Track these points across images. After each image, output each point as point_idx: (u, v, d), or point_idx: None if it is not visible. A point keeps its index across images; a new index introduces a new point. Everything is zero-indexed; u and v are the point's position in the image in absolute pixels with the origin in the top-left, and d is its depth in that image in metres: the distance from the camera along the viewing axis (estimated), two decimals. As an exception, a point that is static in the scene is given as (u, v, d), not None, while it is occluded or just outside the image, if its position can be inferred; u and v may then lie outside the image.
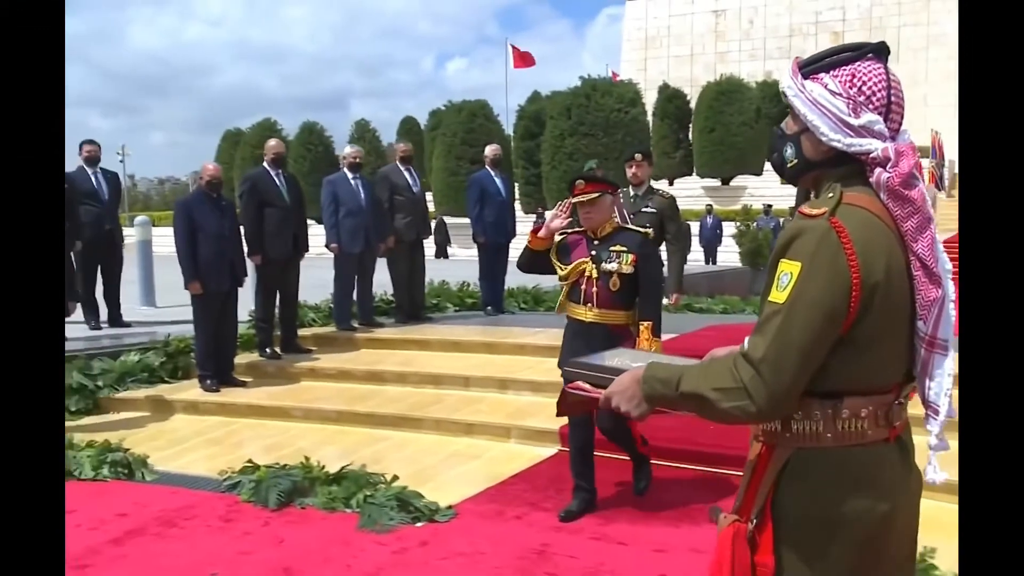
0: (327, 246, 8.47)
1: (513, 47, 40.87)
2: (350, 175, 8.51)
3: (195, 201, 7.45)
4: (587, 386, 2.18)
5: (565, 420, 4.95)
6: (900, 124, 1.87)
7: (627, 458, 5.11)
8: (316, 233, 9.09)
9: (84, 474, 5.61)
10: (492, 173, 9.60)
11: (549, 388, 6.53)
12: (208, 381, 7.38)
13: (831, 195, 1.82)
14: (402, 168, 9.00)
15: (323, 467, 5.26)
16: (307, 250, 8.23)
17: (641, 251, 4.56)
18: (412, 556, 4.28)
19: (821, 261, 1.74)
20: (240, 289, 7.60)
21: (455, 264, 15.96)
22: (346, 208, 8.36)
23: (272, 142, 8.32)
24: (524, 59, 40.24)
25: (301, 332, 8.42)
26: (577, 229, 4.68)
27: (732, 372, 1.80)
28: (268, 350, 7.97)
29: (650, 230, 5.09)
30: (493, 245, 9.39)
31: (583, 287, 4.59)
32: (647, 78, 45.24)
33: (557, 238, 4.67)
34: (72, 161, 9.20)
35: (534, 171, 28.16)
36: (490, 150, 9.77)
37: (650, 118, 28.52)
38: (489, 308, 9.51)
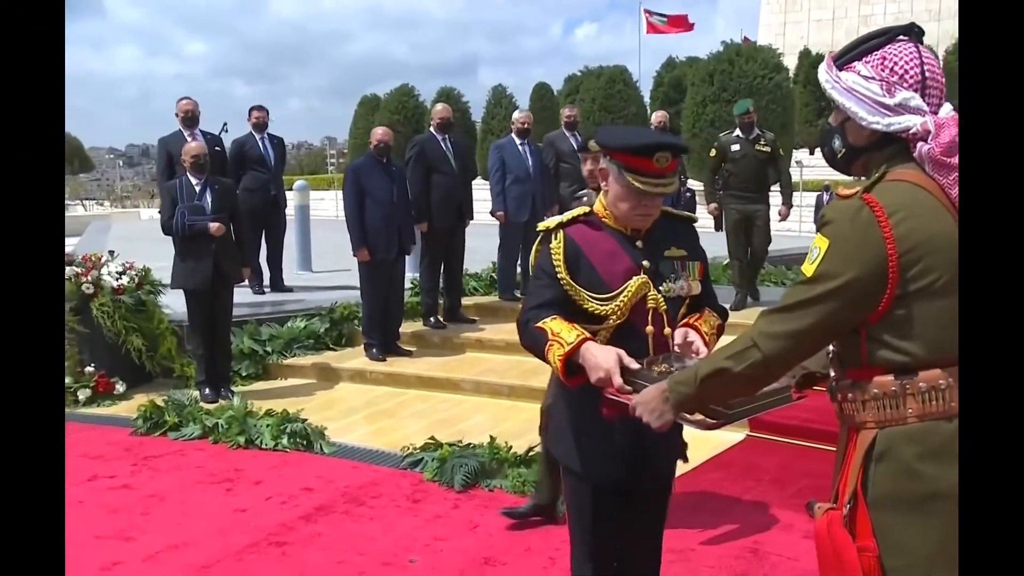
0: (492, 213, 8.22)
1: (646, 11, 39.73)
2: (518, 141, 8.23)
3: (364, 166, 7.32)
4: (624, 390, 2.27)
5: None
6: (941, 98, 1.90)
7: (833, 449, 4.71)
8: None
9: (264, 443, 5.57)
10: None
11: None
12: (374, 350, 7.28)
13: (877, 174, 1.88)
14: (568, 134, 8.66)
15: (510, 447, 5.04)
16: (472, 218, 8.03)
17: (700, 252, 2.68)
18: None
19: (849, 238, 1.81)
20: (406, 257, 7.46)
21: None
22: (513, 175, 8.09)
23: (439, 107, 8.12)
24: (659, 29, 39.00)
25: (463, 301, 8.24)
26: (578, 212, 2.63)
27: (744, 337, 1.93)
28: (433, 319, 7.82)
29: (695, 216, 2.93)
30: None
31: (649, 328, 2.52)
32: (786, 43, 43.47)
33: (557, 235, 2.57)
34: (242, 127, 9.25)
35: (674, 139, 27.51)
36: (656, 116, 9.61)
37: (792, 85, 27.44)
38: None
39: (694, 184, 14.93)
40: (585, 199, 4.14)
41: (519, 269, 8.35)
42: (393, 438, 5.62)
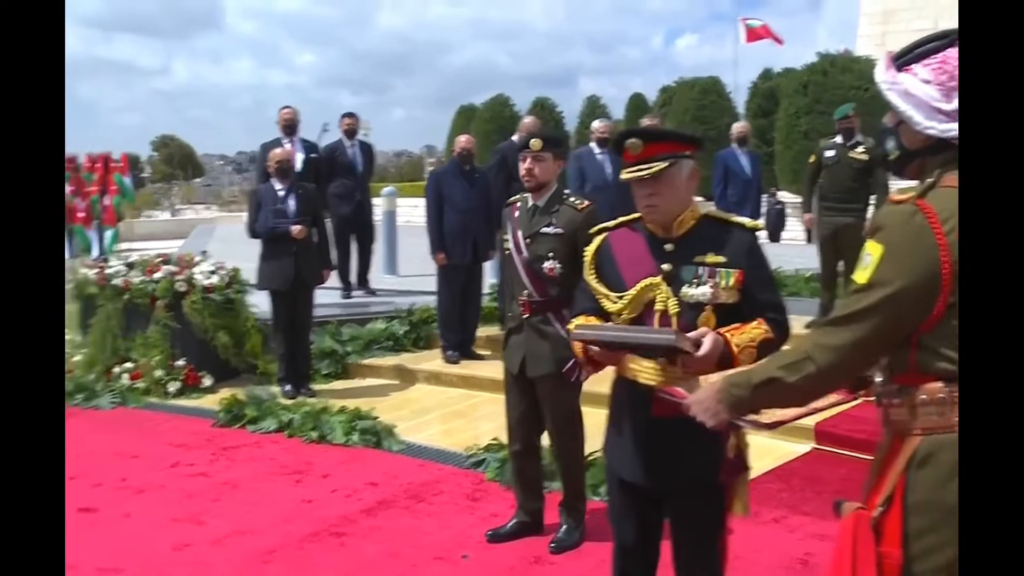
0: (571, 221, 8.30)
1: (743, 19, 39.06)
2: (597, 150, 8.29)
3: (446, 173, 7.49)
4: (678, 390, 2.36)
5: (821, 416, 4.51)
6: None
7: (869, 457, 4.63)
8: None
9: (335, 439, 5.76)
10: (738, 151, 9.19)
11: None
12: (449, 352, 7.43)
13: (930, 180, 1.84)
14: None
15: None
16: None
17: (751, 260, 2.61)
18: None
19: (902, 244, 1.79)
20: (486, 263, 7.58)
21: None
22: (592, 183, 8.15)
23: (527, 120, 8.23)
24: (759, 34, 38.30)
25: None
26: (628, 218, 2.77)
27: (799, 349, 1.93)
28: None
29: (759, 223, 2.90)
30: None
31: (664, 325, 2.59)
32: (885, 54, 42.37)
33: (596, 239, 2.82)
34: (334, 134, 9.57)
35: (767, 150, 27.07)
36: (737, 127, 9.44)
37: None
38: None
39: (785, 196, 14.70)
40: (518, 202, 4.21)
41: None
42: (461, 439, 5.74)
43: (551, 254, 3.97)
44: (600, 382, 5.76)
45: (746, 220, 2.70)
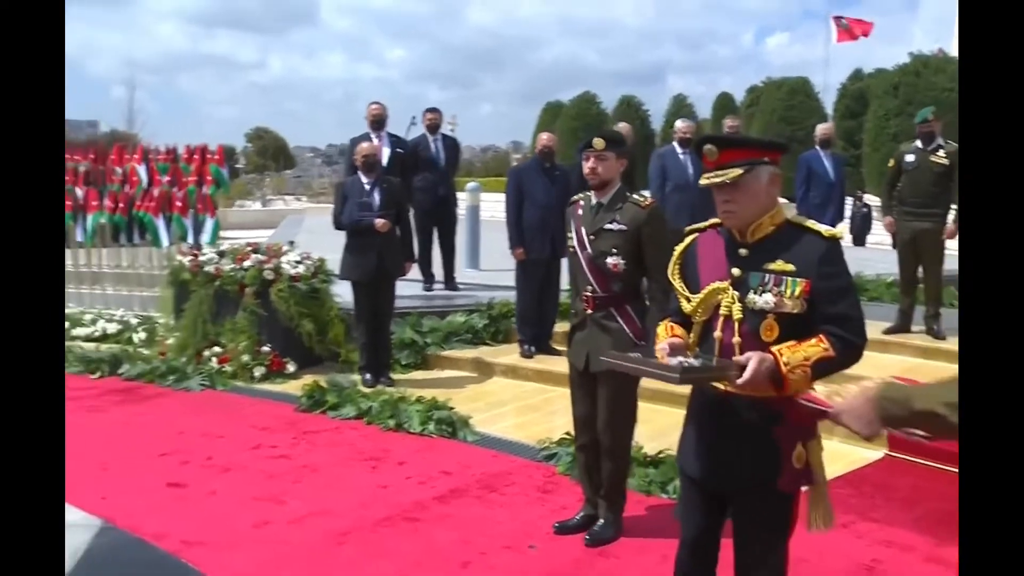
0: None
1: (835, 19, 38.11)
2: (680, 150, 8.28)
3: (527, 169, 7.58)
4: (818, 397, 2.43)
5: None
6: None
7: (942, 466, 4.60)
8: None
9: (412, 428, 5.89)
10: (821, 153, 9.07)
11: (881, 386, 6.04)
12: (526, 347, 7.52)
13: None
14: None
15: (640, 447, 5.14)
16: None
17: (821, 269, 2.54)
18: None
19: None
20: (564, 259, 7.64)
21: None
22: (673, 183, 8.15)
23: (621, 126, 8.27)
24: (850, 32, 37.28)
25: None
26: (717, 220, 2.75)
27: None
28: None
29: (837, 231, 2.69)
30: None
31: (717, 333, 2.66)
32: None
33: (687, 239, 2.87)
34: (416, 128, 9.72)
35: (854, 152, 26.41)
36: (821, 129, 9.33)
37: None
38: None
39: (872, 199, 14.37)
40: (581, 200, 4.23)
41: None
42: (535, 432, 5.82)
43: (614, 250, 4.04)
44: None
45: (824, 228, 2.64)
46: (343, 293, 7.67)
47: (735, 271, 2.62)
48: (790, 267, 2.55)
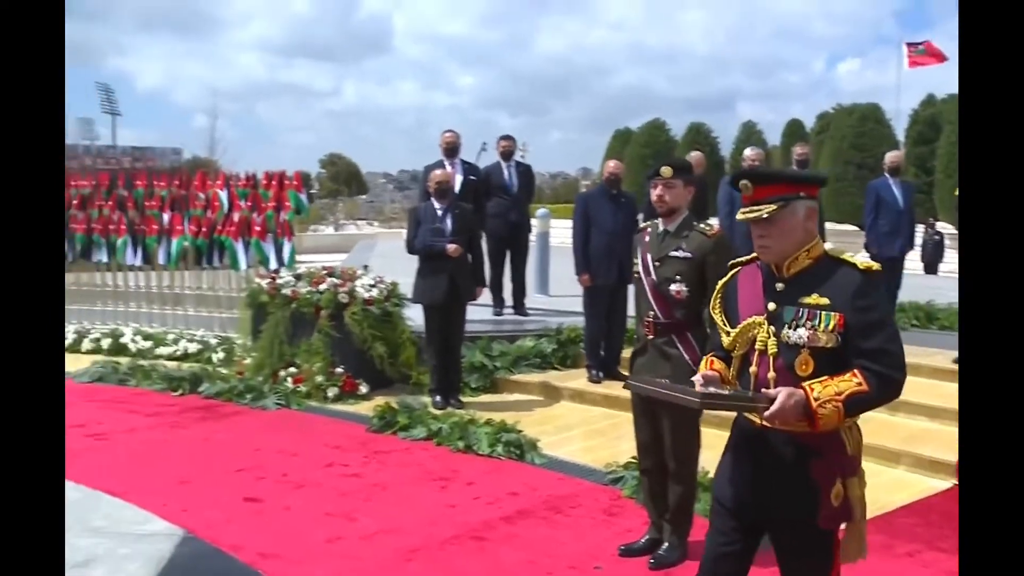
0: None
1: (908, 45, 37.48)
2: (747, 177, 8.31)
3: (594, 196, 7.68)
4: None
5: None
6: None
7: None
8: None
9: (481, 449, 6.00)
10: (891, 181, 9.01)
11: (945, 415, 6.08)
12: (594, 372, 7.59)
13: None
14: None
15: (706, 472, 5.15)
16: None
17: (856, 303, 2.52)
18: None
19: None
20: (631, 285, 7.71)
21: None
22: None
23: (694, 155, 8.34)
24: (922, 59, 36.53)
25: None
26: (755, 255, 2.75)
27: None
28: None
29: (873, 264, 2.62)
30: (886, 257, 8.70)
31: (752, 368, 2.67)
32: None
33: (730, 273, 2.88)
34: (491, 154, 9.92)
35: (926, 179, 25.93)
36: (890, 157, 9.28)
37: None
38: None
39: (944, 226, 14.13)
40: (649, 227, 4.28)
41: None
42: (601, 456, 5.88)
43: (678, 277, 4.11)
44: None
45: (860, 260, 2.62)
46: (415, 317, 7.83)
47: (771, 305, 2.63)
48: (824, 301, 2.54)
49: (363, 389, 7.63)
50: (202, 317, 10.78)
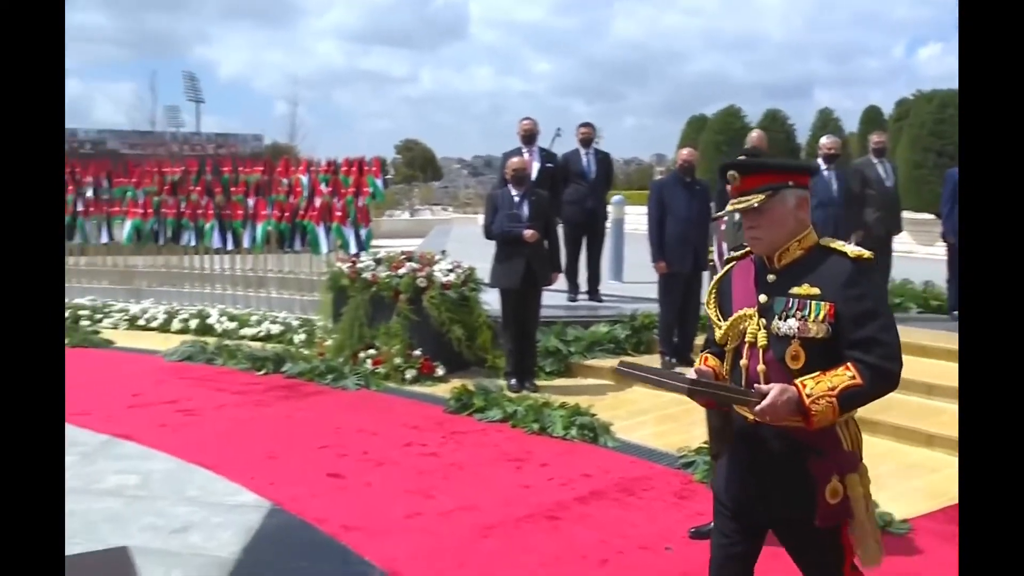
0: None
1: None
2: (824, 166, 8.27)
3: (668, 183, 7.73)
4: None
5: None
6: None
7: None
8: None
9: (555, 432, 6.13)
10: (969, 170, 8.82)
11: None
12: (667, 358, 7.66)
13: None
14: (875, 160, 8.56)
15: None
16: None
17: (847, 292, 2.46)
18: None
19: None
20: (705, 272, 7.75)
21: (918, 262, 14.78)
22: (817, 199, 8.12)
23: (754, 134, 8.32)
24: None
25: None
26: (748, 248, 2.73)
27: None
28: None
29: (869, 253, 2.55)
30: (961, 246, 8.57)
31: (743, 361, 2.62)
32: None
33: (726, 267, 2.84)
34: (567, 140, 10.01)
35: (1006, 166, 25.06)
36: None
37: None
38: (955, 313, 8.75)
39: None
40: (726, 219, 4.27)
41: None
42: (673, 440, 5.96)
43: None
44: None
45: (851, 248, 2.53)
46: (491, 301, 7.98)
47: (762, 297, 2.57)
48: (815, 290, 2.48)
49: (440, 371, 7.82)
50: (284, 299, 11.12)
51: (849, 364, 2.42)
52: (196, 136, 49.29)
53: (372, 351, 7.95)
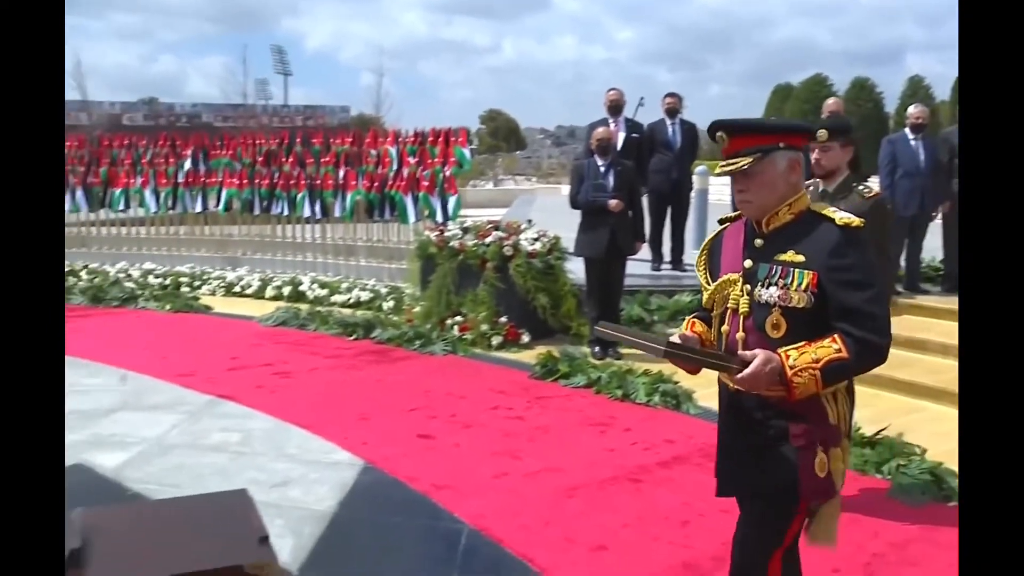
0: (881, 205, 8.21)
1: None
2: (911, 135, 8.13)
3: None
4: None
5: None
6: None
7: None
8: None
9: (638, 398, 6.24)
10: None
11: None
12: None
13: None
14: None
15: (858, 428, 5.23)
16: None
17: (831, 261, 2.37)
18: (941, 536, 4.12)
19: None
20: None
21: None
22: (903, 169, 8.02)
23: (830, 101, 8.23)
24: None
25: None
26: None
27: None
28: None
29: (859, 221, 2.43)
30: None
31: (724, 327, 2.57)
32: None
33: (718, 229, 2.76)
34: (651, 110, 9.99)
35: None
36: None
37: None
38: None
39: None
40: (811, 188, 4.22)
41: (903, 264, 8.24)
42: (756, 410, 6.00)
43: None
44: (897, 367, 5.69)
45: (841, 215, 2.43)
46: (576, 269, 8.09)
47: (747, 262, 2.49)
48: (800, 258, 2.39)
49: (525, 338, 7.98)
50: (373, 267, 11.42)
51: (836, 336, 2.34)
52: (285, 108, 50.35)
53: (459, 318, 8.15)
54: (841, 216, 2.42)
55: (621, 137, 9.04)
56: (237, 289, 11.34)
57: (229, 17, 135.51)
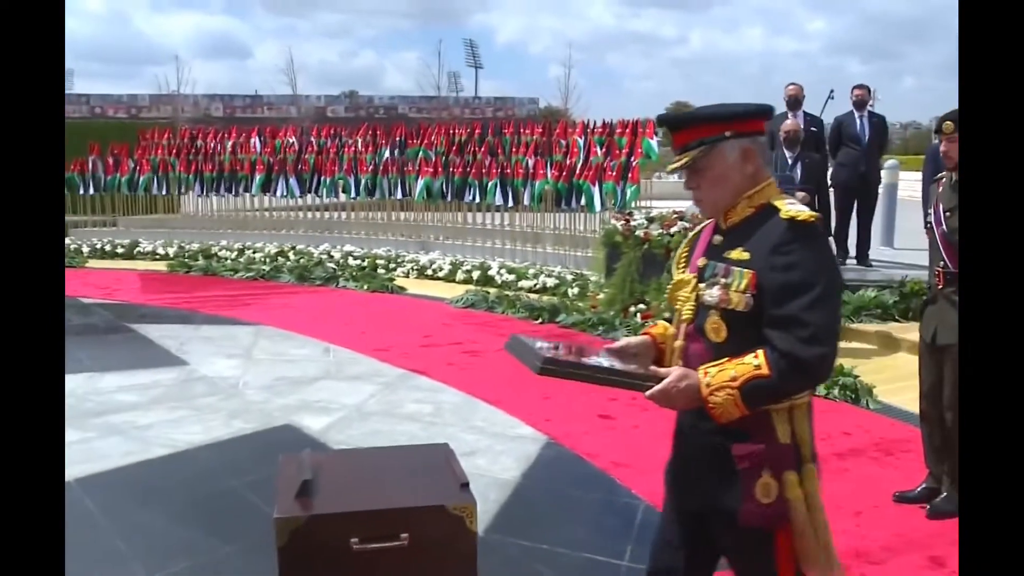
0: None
1: None
2: None
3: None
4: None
5: None
6: None
7: None
8: None
9: (818, 391, 6.27)
10: None
11: None
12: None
13: None
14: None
15: None
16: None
17: (773, 259, 2.07)
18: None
19: None
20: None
21: None
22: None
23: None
24: None
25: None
26: None
27: None
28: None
29: (809, 213, 2.10)
30: None
31: (672, 330, 2.36)
32: None
33: (700, 225, 2.46)
34: (841, 103, 9.87)
35: None
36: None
37: None
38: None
39: None
40: (944, 178, 4.22)
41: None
42: (940, 408, 5.94)
43: None
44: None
45: (790, 208, 2.11)
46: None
47: (700, 261, 2.25)
48: (745, 256, 2.12)
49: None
50: (559, 255, 11.79)
51: (761, 350, 2.06)
52: (476, 100, 51.70)
53: (642, 305, 8.36)
54: (790, 209, 2.11)
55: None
56: (429, 272, 11.98)
57: (424, 13, 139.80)
